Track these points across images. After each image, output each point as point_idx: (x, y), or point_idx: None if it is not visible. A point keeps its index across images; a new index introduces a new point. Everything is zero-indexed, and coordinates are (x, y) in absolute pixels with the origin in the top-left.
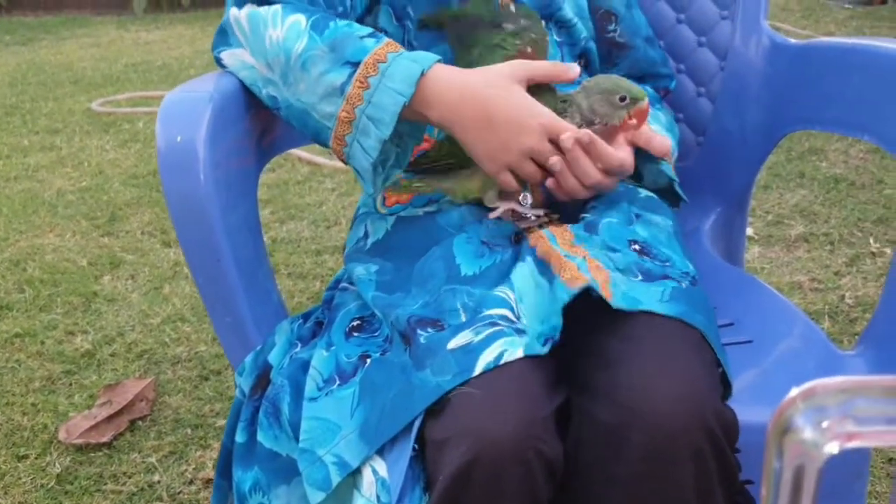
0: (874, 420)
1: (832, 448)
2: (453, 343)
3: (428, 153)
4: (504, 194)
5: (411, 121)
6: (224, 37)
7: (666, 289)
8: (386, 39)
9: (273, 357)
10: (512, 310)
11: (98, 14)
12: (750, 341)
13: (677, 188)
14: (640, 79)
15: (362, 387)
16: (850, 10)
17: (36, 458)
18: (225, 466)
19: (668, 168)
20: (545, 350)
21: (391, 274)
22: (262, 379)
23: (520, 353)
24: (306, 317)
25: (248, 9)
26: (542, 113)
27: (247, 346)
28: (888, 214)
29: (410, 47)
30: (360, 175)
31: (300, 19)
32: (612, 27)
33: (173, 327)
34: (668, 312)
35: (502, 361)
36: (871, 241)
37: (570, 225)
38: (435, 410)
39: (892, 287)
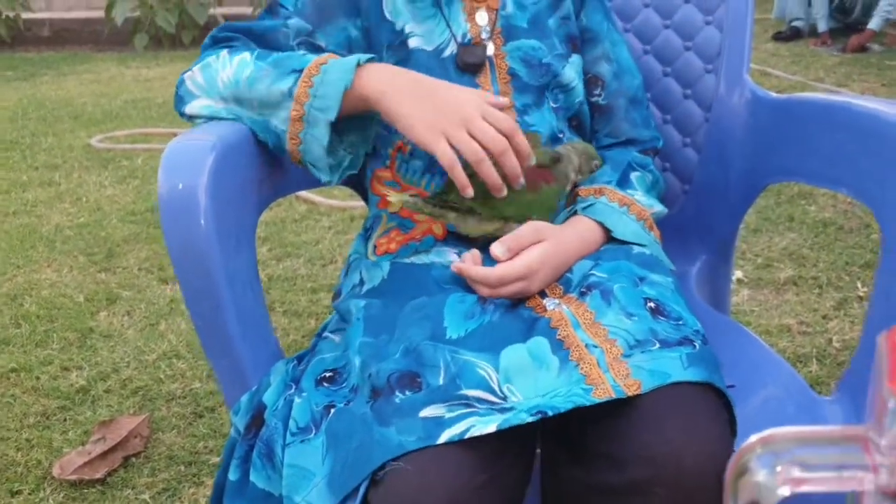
0: (822, 467)
1: (784, 491)
2: (425, 412)
3: (450, 192)
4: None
5: (357, 113)
6: (181, 99)
7: (682, 354)
8: (328, 53)
9: (268, 397)
10: (492, 391)
11: (99, 51)
12: (732, 386)
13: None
14: (625, 143)
15: (327, 436)
16: (838, 57)
17: (29, 494)
18: (217, 501)
19: (635, 235)
20: (531, 419)
21: (378, 310)
22: (257, 418)
23: (492, 428)
24: (300, 358)
25: (199, 65)
26: (478, 91)
27: (243, 386)
28: (875, 259)
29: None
30: (316, 167)
31: (245, 56)
32: (597, 91)
33: (168, 364)
34: (694, 378)
35: (467, 436)
36: (859, 284)
37: (587, 298)
38: (375, 480)
39: (868, 336)
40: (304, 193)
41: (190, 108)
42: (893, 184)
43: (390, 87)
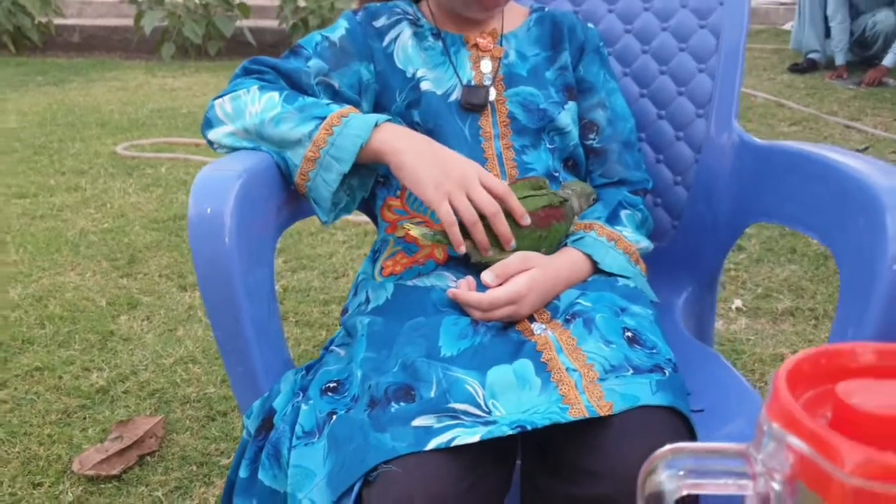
0: (715, 474)
1: (682, 490)
2: (417, 421)
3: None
4: None
5: (367, 164)
6: (208, 123)
7: (652, 381)
8: (349, 106)
9: (277, 403)
10: (478, 405)
11: (127, 58)
12: (701, 410)
13: (633, 280)
14: (617, 183)
15: (329, 440)
16: (853, 91)
17: (50, 487)
18: (228, 497)
19: (621, 268)
20: (512, 432)
21: (381, 327)
22: (267, 422)
23: (475, 438)
24: (308, 369)
25: (230, 95)
26: (481, 167)
27: (255, 392)
28: None
29: None
30: (319, 205)
31: (274, 95)
32: (592, 136)
33: (185, 368)
34: (660, 403)
35: (453, 444)
36: None
37: (571, 325)
38: (369, 480)
39: None
40: None
41: (214, 134)
42: (852, 232)
43: (406, 147)
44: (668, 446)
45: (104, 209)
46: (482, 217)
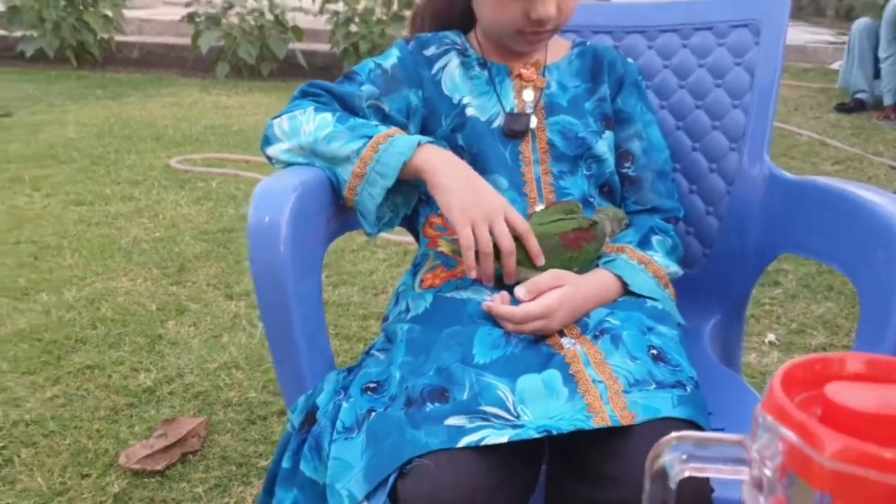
0: (713, 459)
1: (682, 473)
2: (450, 420)
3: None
4: None
5: (409, 181)
6: (267, 140)
7: (674, 395)
8: (396, 127)
9: (320, 400)
10: (507, 409)
11: (183, 75)
12: (722, 429)
13: (662, 302)
14: (650, 210)
15: (367, 435)
16: None
17: (97, 478)
18: (269, 486)
19: (650, 291)
20: (538, 436)
21: (419, 334)
22: (310, 417)
23: (504, 439)
24: (350, 370)
25: (288, 114)
26: (509, 205)
27: (301, 389)
28: None
29: None
30: (365, 218)
31: (327, 115)
32: (627, 165)
33: (228, 373)
34: (681, 416)
35: (483, 443)
36: None
37: (599, 340)
38: (403, 473)
39: None
40: None
41: (272, 150)
42: (873, 265)
43: (444, 168)
44: (673, 433)
45: (157, 219)
46: (515, 239)
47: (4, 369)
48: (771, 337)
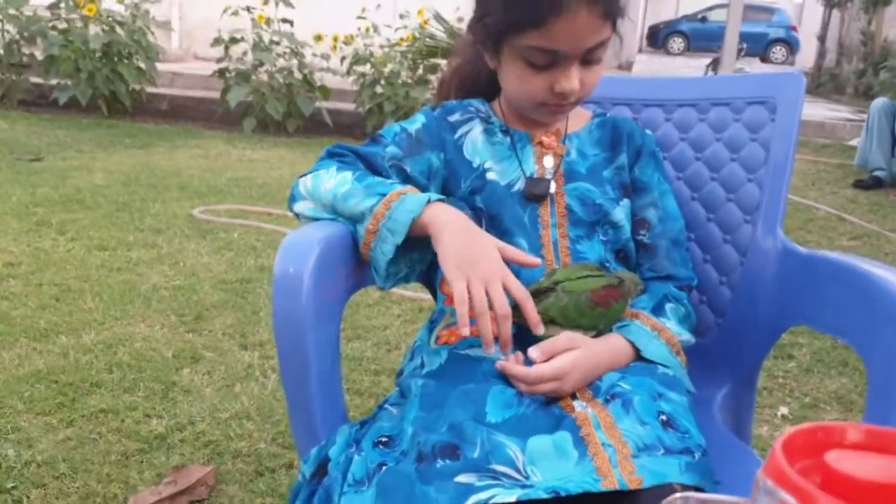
0: None
1: None
2: (460, 478)
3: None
4: None
5: (420, 236)
6: (293, 198)
7: (682, 462)
8: (410, 186)
9: (333, 452)
10: (517, 469)
11: (210, 128)
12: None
13: (673, 369)
14: (664, 278)
15: (377, 489)
16: None
17: None
18: None
19: (662, 357)
20: (546, 496)
21: (433, 389)
22: (322, 468)
23: (512, 499)
24: (363, 424)
25: (312, 174)
26: (508, 270)
27: (314, 439)
28: None
29: None
30: (377, 273)
31: (348, 174)
32: (643, 232)
33: (239, 423)
34: (687, 482)
35: (491, 502)
36: None
37: (610, 405)
38: None
39: None
40: None
41: (297, 207)
42: (881, 340)
43: (449, 225)
44: (678, 493)
45: (177, 267)
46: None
47: (20, 409)
48: (784, 410)
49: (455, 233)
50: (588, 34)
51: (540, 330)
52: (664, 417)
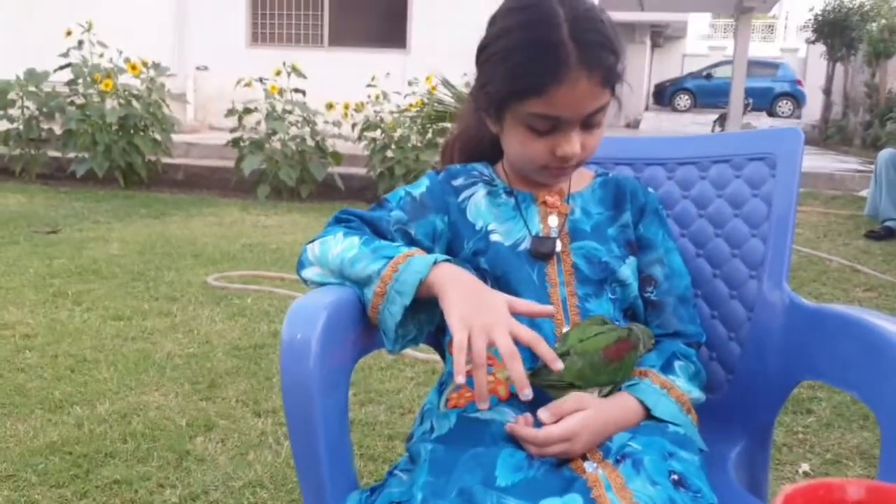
0: None
1: None
2: None
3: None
4: None
5: (427, 297)
6: (301, 264)
7: None
8: (416, 248)
9: None
10: None
11: (225, 196)
12: None
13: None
14: (672, 335)
15: None
16: None
17: None
18: None
19: (672, 416)
20: None
21: (442, 454)
22: None
23: None
24: (372, 490)
25: (320, 240)
26: (513, 319)
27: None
28: None
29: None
30: (386, 336)
31: (354, 239)
32: (650, 289)
33: (252, 492)
34: None
35: None
36: None
37: (620, 465)
38: None
39: None
40: None
41: (306, 273)
42: (891, 391)
43: (452, 282)
44: None
45: (191, 335)
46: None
47: (34, 482)
48: (805, 467)
49: (461, 289)
50: (588, 101)
51: (558, 365)
52: (675, 477)
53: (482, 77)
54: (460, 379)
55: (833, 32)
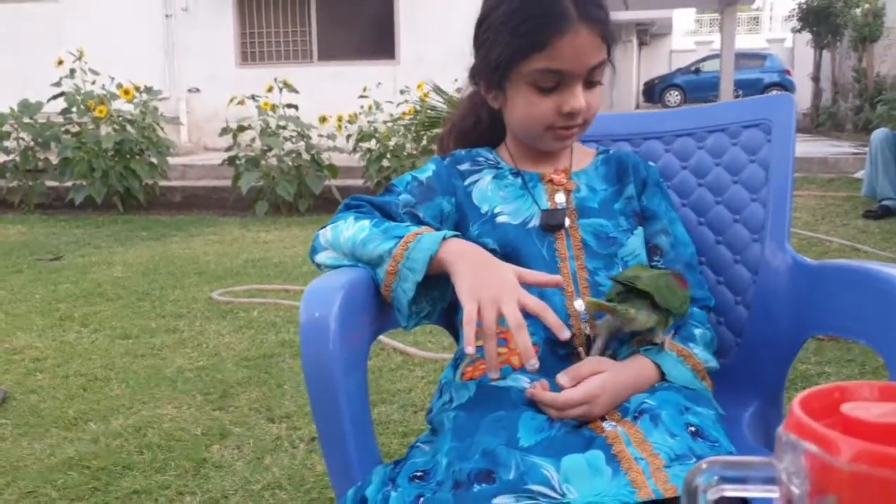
0: (744, 480)
1: (717, 494)
2: (498, 500)
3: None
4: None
5: (438, 273)
6: (314, 249)
7: None
8: (425, 226)
9: (369, 492)
10: (553, 487)
11: (224, 215)
12: None
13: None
14: None
15: None
16: None
17: None
18: None
19: (686, 381)
20: None
21: (464, 420)
22: None
23: None
24: (396, 464)
25: (332, 225)
26: (522, 289)
27: (350, 481)
28: None
29: None
30: (400, 312)
31: (365, 222)
32: (657, 258)
33: (272, 494)
34: None
35: None
36: None
37: (638, 421)
38: None
39: None
40: (400, 346)
41: (319, 258)
42: None
43: (461, 256)
44: (704, 460)
45: (200, 349)
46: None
47: (54, 497)
48: None
49: (470, 262)
50: (590, 53)
51: (565, 334)
52: (693, 429)
53: (484, 48)
54: (470, 350)
55: (818, 20)
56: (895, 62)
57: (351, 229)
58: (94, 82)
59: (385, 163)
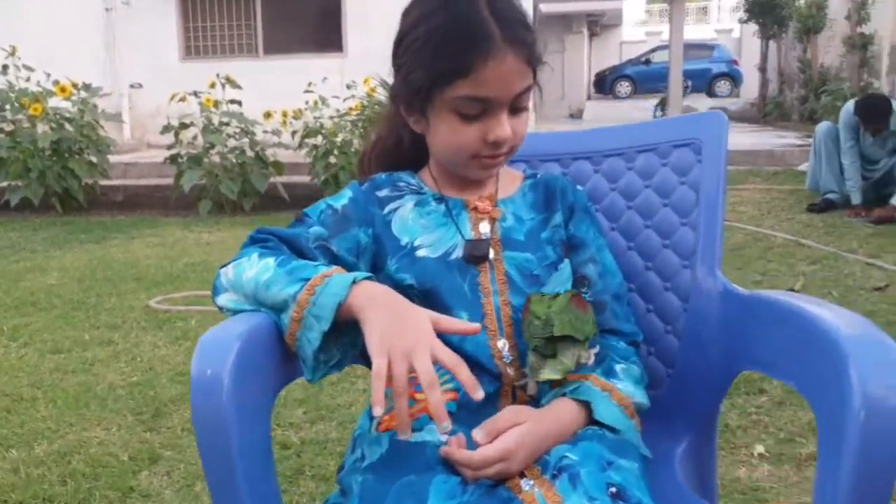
0: None
1: None
2: None
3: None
4: None
5: (348, 320)
6: (216, 290)
7: None
8: (336, 266)
9: None
10: None
11: (167, 215)
12: None
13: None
14: (608, 332)
15: None
16: (872, 229)
17: None
18: None
19: (614, 419)
20: None
21: (372, 485)
22: None
23: None
24: None
25: (234, 263)
26: (436, 340)
27: None
28: None
29: None
30: (304, 363)
31: (270, 260)
32: (584, 289)
33: None
34: None
35: None
36: None
37: (557, 480)
38: None
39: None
40: None
41: (220, 300)
42: (824, 381)
43: (371, 301)
44: None
45: (134, 363)
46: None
47: None
48: (760, 449)
49: (382, 308)
50: (515, 79)
51: (478, 394)
52: (614, 489)
53: (403, 69)
54: (378, 411)
55: (764, 11)
56: (837, 53)
57: (254, 269)
58: (28, 79)
59: (332, 159)
